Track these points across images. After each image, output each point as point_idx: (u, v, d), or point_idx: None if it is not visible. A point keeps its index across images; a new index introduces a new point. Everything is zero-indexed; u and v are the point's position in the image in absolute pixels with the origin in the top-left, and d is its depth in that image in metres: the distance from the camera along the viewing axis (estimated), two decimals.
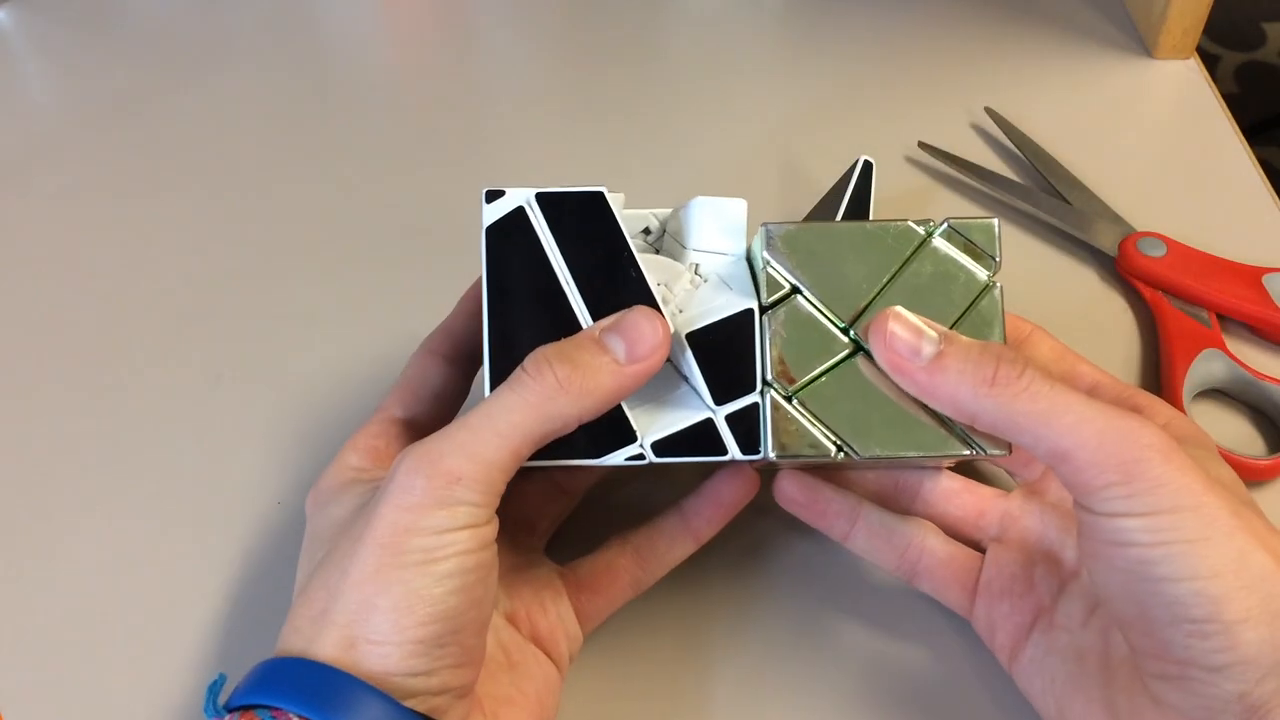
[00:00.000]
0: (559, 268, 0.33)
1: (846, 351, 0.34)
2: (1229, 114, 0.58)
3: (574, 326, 0.33)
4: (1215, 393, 0.46)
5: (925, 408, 0.33)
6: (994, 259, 0.35)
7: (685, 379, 0.34)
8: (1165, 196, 0.54)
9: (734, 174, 0.55)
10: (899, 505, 0.39)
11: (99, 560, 0.41)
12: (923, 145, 0.55)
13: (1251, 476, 0.42)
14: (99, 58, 0.62)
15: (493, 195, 0.33)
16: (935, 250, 0.34)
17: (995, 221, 0.35)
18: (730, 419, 0.33)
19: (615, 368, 0.32)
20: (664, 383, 0.34)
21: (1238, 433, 0.45)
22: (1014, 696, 0.36)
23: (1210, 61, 1.12)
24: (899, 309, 0.33)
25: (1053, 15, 0.65)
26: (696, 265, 0.36)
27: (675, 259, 0.36)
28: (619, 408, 0.33)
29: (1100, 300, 0.50)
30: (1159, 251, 0.49)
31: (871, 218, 0.48)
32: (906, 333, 0.32)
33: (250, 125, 0.58)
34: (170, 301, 0.49)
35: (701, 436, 0.33)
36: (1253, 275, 0.48)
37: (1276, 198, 0.54)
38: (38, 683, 0.38)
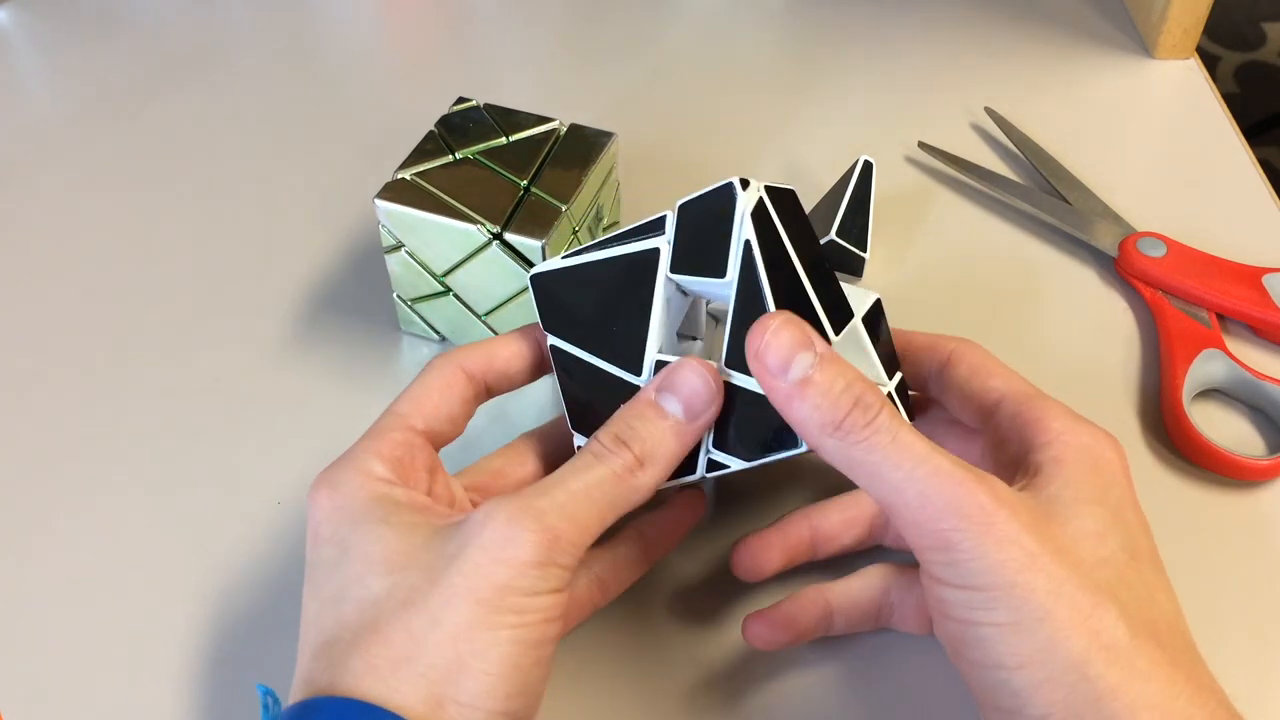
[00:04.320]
0: (794, 259, 0.33)
1: None
2: (1229, 114, 0.58)
3: (811, 314, 0.32)
4: (1215, 393, 0.46)
5: None
6: None
7: None
8: (1165, 196, 0.54)
9: (734, 174, 0.55)
10: (822, 553, 0.38)
11: (99, 560, 0.41)
12: (923, 145, 0.55)
13: (1251, 477, 0.42)
14: (99, 58, 0.62)
15: (745, 183, 0.33)
16: None
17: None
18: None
19: (678, 428, 0.32)
20: None
21: (1238, 433, 0.45)
22: None
23: (1210, 61, 1.12)
24: (790, 315, 0.31)
25: (1053, 15, 0.65)
26: None
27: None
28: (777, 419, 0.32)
29: (1100, 300, 0.50)
30: (1159, 251, 0.49)
31: (871, 218, 0.49)
32: (784, 346, 0.30)
33: (250, 124, 0.58)
34: (169, 301, 0.49)
35: None
36: (1253, 275, 0.48)
37: (1276, 198, 0.54)
38: (37, 683, 0.38)
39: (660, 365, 0.34)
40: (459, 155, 0.44)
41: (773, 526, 0.37)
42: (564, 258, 0.36)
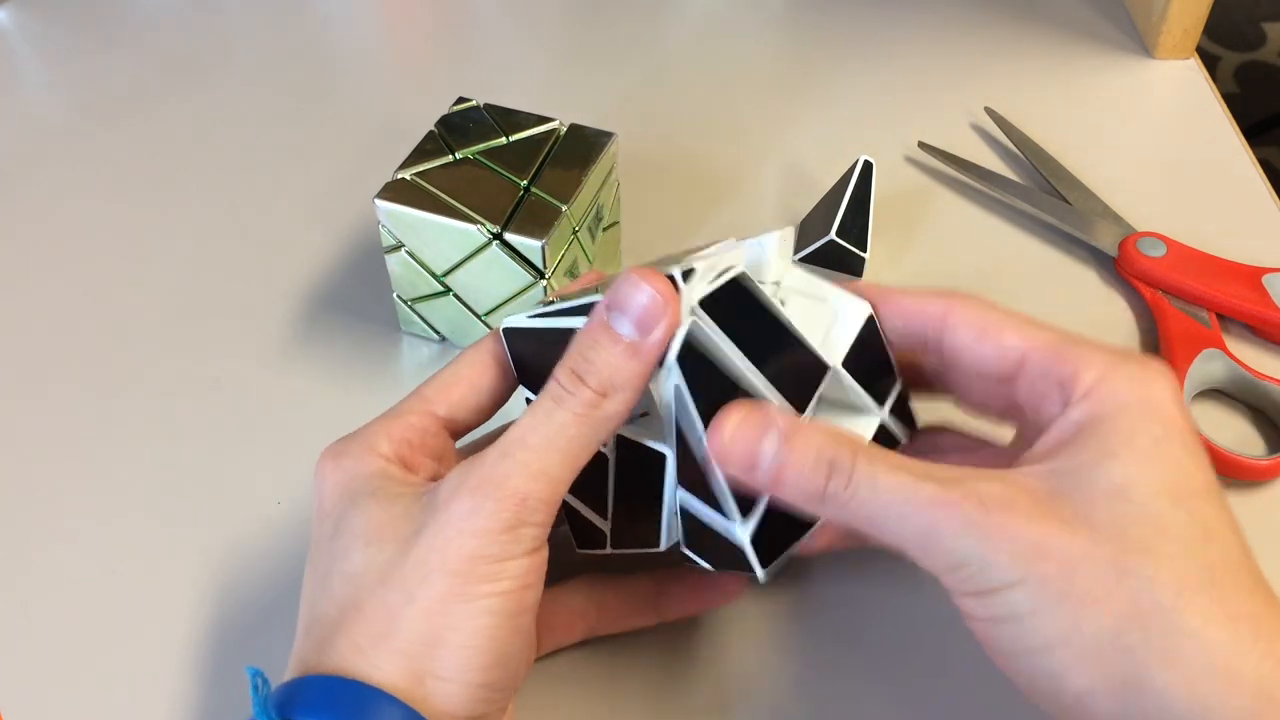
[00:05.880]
0: (741, 366, 0.31)
1: None
2: (1229, 114, 0.58)
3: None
4: (1215, 393, 0.46)
5: None
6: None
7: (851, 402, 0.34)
8: (1165, 196, 0.54)
9: (734, 174, 0.55)
10: None
11: (98, 560, 0.41)
12: (923, 145, 0.55)
13: (1251, 476, 0.42)
14: (99, 58, 0.62)
15: None
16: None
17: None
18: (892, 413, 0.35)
19: (635, 349, 0.30)
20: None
21: (1238, 433, 0.45)
22: None
23: (1210, 61, 1.12)
24: (742, 408, 0.30)
25: (1053, 15, 0.65)
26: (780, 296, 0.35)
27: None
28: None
29: (1100, 300, 0.50)
30: (1159, 251, 0.49)
31: (871, 218, 0.48)
32: (745, 443, 0.30)
33: (250, 125, 0.58)
34: (170, 301, 0.49)
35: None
36: (1253, 275, 0.48)
37: (1276, 198, 0.54)
38: (38, 683, 0.38)
39: None
40: (459, 155, 0.44)
41: None
42: (531, 316, 0.34)
